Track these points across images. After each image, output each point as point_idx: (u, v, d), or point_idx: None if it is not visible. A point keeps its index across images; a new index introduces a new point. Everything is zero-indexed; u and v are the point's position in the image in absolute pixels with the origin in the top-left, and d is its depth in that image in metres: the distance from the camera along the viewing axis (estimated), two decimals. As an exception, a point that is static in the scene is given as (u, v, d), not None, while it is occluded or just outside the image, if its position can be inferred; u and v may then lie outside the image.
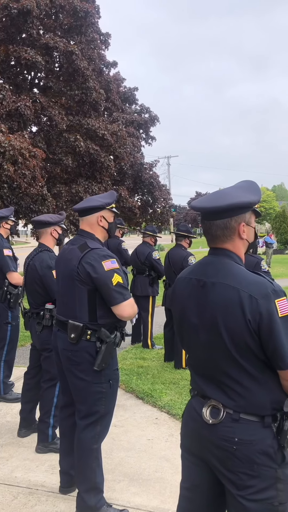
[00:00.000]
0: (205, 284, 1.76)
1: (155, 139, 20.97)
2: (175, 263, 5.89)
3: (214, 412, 1.75)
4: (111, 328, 2.74)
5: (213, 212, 1.74)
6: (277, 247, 29.19)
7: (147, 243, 7.06)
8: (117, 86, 19.21)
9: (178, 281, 1.91)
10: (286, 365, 1.64)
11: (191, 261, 5.74)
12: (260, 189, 1.94)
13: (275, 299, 1.64)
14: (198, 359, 1.83)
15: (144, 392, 4.97)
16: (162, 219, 20.48)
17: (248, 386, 1.69)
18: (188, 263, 5.72)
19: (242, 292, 1.65)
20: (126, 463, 3.58)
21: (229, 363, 1.70)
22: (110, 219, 2.91)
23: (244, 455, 1.68)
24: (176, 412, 4.46)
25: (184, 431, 1.93)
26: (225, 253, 1.78)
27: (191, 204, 1.85)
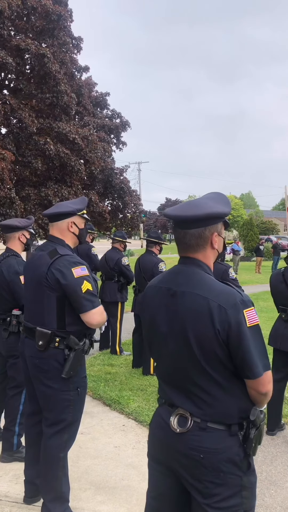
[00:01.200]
0: (175, 293, 1.77)
1: (126, 145, 21.00)
2: (146, 269, 5.90)
3: (181, 421, 1.76)
4: (80, 335, 2.72)
5: (189, 220, 1.75)
6: (244, 254, 29.68)
7: (116, 248, 7.05)
8: (89, 90, 19.16)
9: (148, 289, 1.92)
10: (254, 375, 1.67)
11: (162, 268, 5.77)
12: (229, 198, 1.97)
13: (244, 309, 1.67)
14: (166, 368, 1.83)
15: (111, 399, 4.95)
16: (132, 225, 20.49)
17: (216, 395, 1.71)
18: (159, 269, 5.74)
19: (212, 302, 1.67)
20: (92, 471, 3.55)
21: (197, 372, 1.71)
22: (81, 225, 2.90)
23: (210, 463, 1.70)
24: (143, 419, 4.45)
25: (151, 440, 1.93)
26: (196, 262, 1.79)
27: (165, 211, 1.86)
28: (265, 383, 1.71)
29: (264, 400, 1.75)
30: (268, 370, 1.72)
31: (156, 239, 6.08)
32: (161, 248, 6.16)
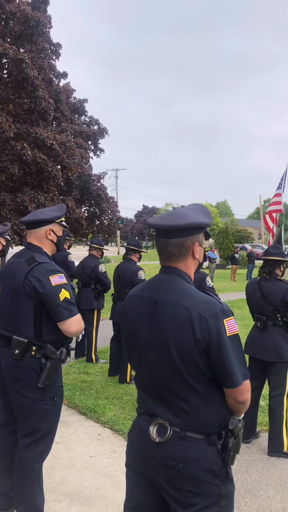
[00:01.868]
0: (156, 303, 1.77)
1: (103, 151, 20.96)
2: (125, 277, 5.89)
3: (160, 430, 1.76)
4: (57, 344, 2.69)
5: (171, 230, 1.77)
6: (219, 262, 29.95)
7: (93, 255, 7.02)
8: (67, 97, 19.10)
9: (129, 298, 1.92)
10: (233, 384, 1.69)
11: (141, 276, 5.77)
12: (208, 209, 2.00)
13: (224, 319, 1.68)
14: (146, 377, 1.83)
15: (87, 408, 4.91)
16: (109, 231, 20.43)
17: (196, 404, 1.71)
18: (138, 277, 5.74)
19: (193, 311, 1.68)
20: (67, 481, 3.50)
21: (177, 381, 1.72)
22: (59, 232, 2.88)
23: (189, 473, 1.70)
24: (119, 427, 4.43)
25: (129, 449, 1.92)
26: (177, 272, 1.81)
27: (147, 221, 1.87)
28: (244, 392, 1.73)
29: (242, 408, 1.77)
30: (247, 379, 1.74)
31: (136, 247, 6.08)
32: (141, 256, 6.17)
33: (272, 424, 4.14)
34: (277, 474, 3.80)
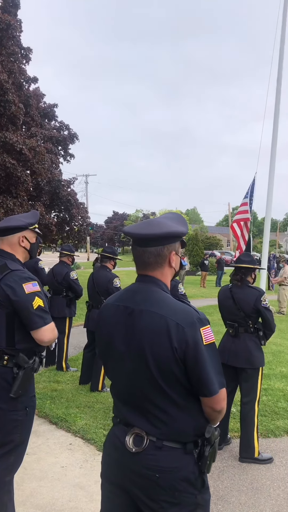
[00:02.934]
0: (133, 312, 1.76)
1: (73, 157, 20.86)
2: (100, 284, 5.84)
3: (137, 440, 1.74)
4: (30, 353, 2.64)
5: (148, 239, 1.76)
6: (189, 268, 30.17)
7: (64, 262, 6.94)
8: (37, 101, 18.92)
9: (105, 307, 1.89)
10: (210, 393, 1.69)
11: (116, 283, 5.74)
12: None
13: (200, 327, 1.68)
14: (122, 387, 1.82)
15: (58, 417, 4.83)
16: (79, 237, 20.29)
17: (172, 413, 1.71)
18: (113, 285, 5.71)
19: (169, 320, 1.67)
20: (38, 493, 3.43)
21: (154, 390, 1.71)
22: (32, 239, 2.83)
23: (166, 482, 1.69)
24: (91, 436, 4.37)
25: (105, 460, 1.89)
26: (153, 280, 1.80)
27: (124, 229, 1.85)
28: (221, 401, 1.73)
29: (219, 417, 1.77)
30: (224, 388, 1.74)
31: (111, 254, 6.04)
32: (115, 263, 6.14)
33: (243, 431, 4.18)
34: (248, 480, 3.83)
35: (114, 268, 6.12)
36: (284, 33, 9.63)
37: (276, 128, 9.59)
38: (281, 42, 9.64)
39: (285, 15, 9.63)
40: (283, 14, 9.63)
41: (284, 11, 9.62)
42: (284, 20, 9.64)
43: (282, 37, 9.64)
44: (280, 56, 9.65)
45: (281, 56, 9.65)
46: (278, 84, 9.67)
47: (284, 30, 9.63)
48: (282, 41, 9.63)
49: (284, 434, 4.76)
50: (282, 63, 9.66)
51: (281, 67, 9.65)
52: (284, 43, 9.62)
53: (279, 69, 9.67)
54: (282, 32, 9.65)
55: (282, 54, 9.64)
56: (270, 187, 9.65)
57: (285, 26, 9.63)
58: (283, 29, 9.64)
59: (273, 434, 4.73)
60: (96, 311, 5.90)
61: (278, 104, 9.63)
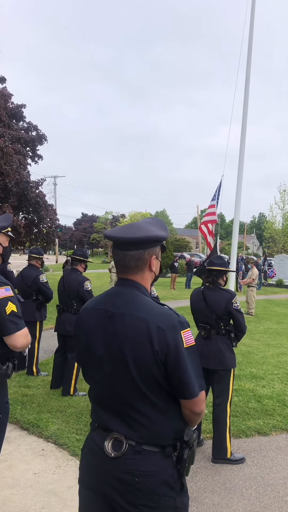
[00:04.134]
0: (114, 315, 1.76)
1: (42, 158, 20.62)
2: (71, 287, 5.78)
3: (116, 445, 1.73)
4: (3, 359, 2.59)
5: (130, 242, 1.76)
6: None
7: (33, 265, 6.84)
8: (5, 101, 18.63)
9: (84, 311, 1.88)
10: (191, 395, 1.70)
11: (87, 286, 5.70)
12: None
13: (181, 330, 1.70)
14: (101, 391, 1.80)
15: (29, 422, 4.75)
16: (47, 239, 20.07)
17: (152, 416, 1.71)
18: (84, 288, 5.67)
19: (150, 324, 1.68)
20: (10, 501, 3.36)
21: (134, 394, 1.70)
22: (5, 243, 2.79)
23: (145, 487, 1.69)
24: (63, 441, 4.33)
25: (83, 466, 1.87)
26: (134, 284, 1.80)
27: (105, 233, 1.85)
28: (200, 403, 1.75)
29: (198, 419, 1.79)
30: (203, 390, 1.76)
31: (82, 257, 5.99)
32: (86, 266, 6.09)
33: (216, 432, 4.22)
34: (221, 480, 3.87)
35: (85, 270, 6.08)
36: (251, 40, 9.82)
37: (244, 132, 9.76)
38: (248, 49, 9.83)
39: (252, 21, 9.82)
40: (251, 21, 9.82)
41: (252, 17, 9.81)
42: (251, 26, 9.83)
43: (250, 44, 9.83)
44: (247, 62, 9.83)
45: (248, 63, 9.82)
46: (246, 89, 9.84)
47: (252, 37, 9.82)
48: (249, 49, 9.82)
49: (255, 434, 4.84)
50: (250, 69, 9.84)
51: (249, 74, 9.83)
52: (251, 50, 9.81)
53: (247, 75, 9.84)
54: (250, 38, 9.84)
55: (250, 61, 9.82)
56: (238, 190, 9.81)
57: (252, 33, 9.83)
58: (250, 35, 9.84)
59: (245, 435, 4.80)
60: (66, 315, 5.84)
61: (246, 109, 9.80)
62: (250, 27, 9.84)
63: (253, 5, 9.78)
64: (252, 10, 9.79)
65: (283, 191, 34.37)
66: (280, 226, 34.77)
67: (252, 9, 9.79)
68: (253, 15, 9.81)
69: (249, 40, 9.84)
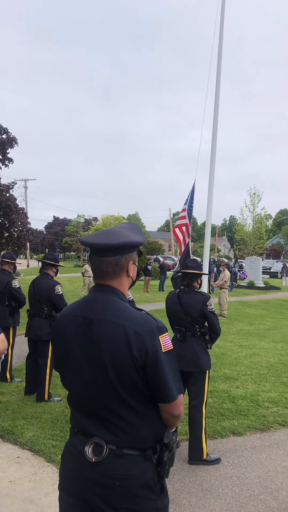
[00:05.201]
0: (92, 322, 1.77)
1: (12, 161, 20.39)
2: (41, 292, 5.73)
3: (96, 449, 1.74)
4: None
5: (108, 248, 1.77)
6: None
7: (5, 271, 6.74)
8: (-26, 103, 18.41)
9: (62, 318, 1.88)
10: (169, 398, 1.73)
11: (58, 291, 5.66)
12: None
13: (159, 335, 1.72)
14: (80, 397, 1.81)
15: (3, 430, 4.69)
16: (19, 243, 19.85)
17: (132, 421, 1.73)
18: (55, 292, 5.63)
19: (129, 329, 1.70)
20: (-14, 511, 3.31)
21: (113, 399, 1.72)
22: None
23: (126, 490, 1.70)
24: (39, 448, 4.29)
25: (63, 472, 1.87)
26: (111, 290, 1.82)
27: (81, 239, 1.85)
28: (179, 406, 1.77)
29: (176, 422, 1.82)
30: (181, 393, 1.79)
31: (53, 261, 5.95)
32: (57, 270, 6.05)
33: (192, 433, 4.26)
34: (198, 481, 3.91)
35: (56, 275, 6.04)
36: (221, 45, 9.98)
37: (215, 136, 9.88)
38: (218, 54, 9.97)
39: (222, 26, 9.98)
40: (220, 26, 9.98)
41: (221, 22, 9.97)
42: (221, 31, 9.98)
43: (220, 49, 9.98)
44: (218, 66, 9.97)
45: (218, 67, 9.97)
46: (216, 94, 9.98)
47: (221, 43, 9.98)
48: (219, 53, 9.97)
49: (230, 434, 4.91)
50: (220, 74, 9.98)
51: (219, 78, 9.98)
52: (221, 54, 9.96)
53: (217, 80, 9.98)
54: (220, 44, 9.99)
55: (220, 65, 9.97)
56: (210, 193, 9.93)
57: (222, 39, 9.98)
58: (220, 41, 9.99)
59: (220, 435, 4.85)
60: (37, 320, 5.78)
61: (217, 114, 9.93)
62: (220, 33, 9.99)
63: (222, 14, 9.94)
64: (221, 14, 9.94)
65: (253, 194, 34.90)
66: (250, 228, 35.30)
67: (222, 13, 9.94)
68: (223, 18, 9.96)
69: (219, 45, 9.98)
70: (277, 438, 4.86)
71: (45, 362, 5.75)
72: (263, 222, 37.02)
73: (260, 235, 34.93)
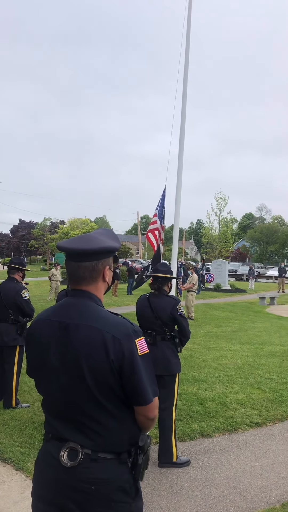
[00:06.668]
0: (68, 326, 1.77)
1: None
2: (7, 297, 5.64)
3: (71, 454, 1.74)
4: None
5: (85, 254, 1.78)
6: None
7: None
8: None
9: (37, 323, 1.87)
10: (145, 401, 1.74)
11: (25, 295, 5.59)
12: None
13: (136, 339, 1.74)
14: (56, 402, 1.80)
15: None
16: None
17: (108, 424, 1.74)
18: (22, 297, 5.55)
19: (106, 333, 1.71)
20: None
21: (90, 403, 1.72)
22: None
23: (102, 494, 1.71)
24: (7, 456, 4.21)
25: (38, 478, 1.85)
26: (87, 295, 1.82)
27: (58, 244, 1.85)
28: (154, 409, 1.80)
29: (152, 425, 1.84)
30: (157, 396, 1.80)
31: (19, 265, 5.87)
32: (24, 275, 5.97)
33: (162, 437, 4.28)
34: (168, 484, 3.93)
35: (22, 279, 5.96)
36: (188, 52, 10.11)
37: (182, 140, 9.99)
38: (185, 59, 10.10)
39: (188, 31, 10.11)
40: (187, 30, 10.11)
41: (188, 27, 10.10)
42: (188, 36, 10.12)
43: (187, 54, 10.11)
44: (185, 71, 10.09)
45: (186, 72, 10.09)
46: (183, 99, 10.09)
47: (188, 49, 10.11)
48: (186, 59, 10.10)
49: (199, 436, 4.96)
50: (187, 78, 10.11)
51: (186, 83, 10.10)
52: (188, 60, 10.09)
53: (184, 85, 10.10)
54: (186, 50, 10.12)
55: (187, 70, 10.10)
56: (177, 198, 10.02)
57: (188, 45, 10.12)
58: (187, 47, 10.12)
59: (189, 438, 4.90)
60: (3, 325, 5.67)
61: (184, 118, 10.04)
62: (186, 39, 10.12)
63: (188, 21, 10.08)
64: (188, 19, 10.08)
65: (220, 198, 35.38)
66: (217, 232, 35.75)
67: (189, 18, 10.07)
68: (190, 23, 10.10)
69: (185, 51, 10.11)
70: (245, 439, 4.94)
71: (11, 368, 5.65)
72: (229, 225, 37.58)
73: (226, 238, 35.41)
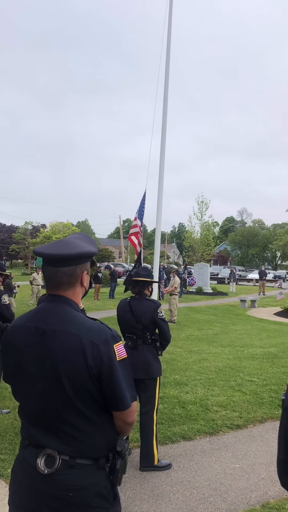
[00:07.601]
0: (45, 332, 1.76)
1: None
2: None
3: (49, 461, 1.73)
4: None
5: (62, 259, 1.78)
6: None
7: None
8: None
9: (13, 329, 1.86)
10: (124, 406, 1.75)
11: (4, 300, 5.54)
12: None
13: (114, 344, 1.75)
14: (33, 408, 1.79)
15: None
16: None
17: (86, 430, 1.74)
18: (2, 302, 5.50)
19: (84, 339, 1.71)
20: None
21: (67, 409, 1.72)
22: None
23: (80, 500, 1.70)
24: (-14, 463, 4.16)
25: (14, 486, 1.84)
26: (65, 300, 1.82)
27: (35, 249, 1.84)
28: (132, 413, 1.81)
29: (130, 429, 1.84)
30: (135, 401, 1.81)
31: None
32: (4, 279, 5.93)
33: (143, 440, 4.29)
34: (149, 488, 3.94)
35: (2, 284, 5.91)
36: (168, 56, 10.19)
37: (163, 144, 10.05)
38: (166, 62, 10.17)
39: (169, 35, 10.19)
40: (168, 34, 10.19)
41: (169, 31, 10.19)
42: (169, 43, 10.20)
43: (167, 60, 10.19)
44: (166, 75, 10.16)
45: (166, 76, 10.16)
46: (164, 103, 10.16)
47: (169, 53, 10.19)
48: (167, 62, 10.17)
49: (180, 439, 4.98)
50: (168, 83, 10.18)
51: (167, 87, 10.17)
52: (169, 64, 10.17)
53: (165, 89, 10.17)
54: (167, 54, 10.20)
55: (168, 74, 10.17)
56: (159, 201, 10.07)
57: (169, 49, 10.20)
58: (167, 52, 10.20)
59: (170, 441, 4.91)
60: None
61: (165, 122, 10.11)
62: (167, 43, 10.20)
63: (169, 26, 10.17)
64: (169, 24, 10.16)
65: (201, 202, 35.60)
66: (198, 235, 35.95)
67: (170, 23, 10.16)
68: (171, 28, 10.18)
69: (166, 56, 10.19)
70: (226, 441, 4.98)
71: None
72: (211, 229, 37.80)
73: (208, 242, 35.64)
